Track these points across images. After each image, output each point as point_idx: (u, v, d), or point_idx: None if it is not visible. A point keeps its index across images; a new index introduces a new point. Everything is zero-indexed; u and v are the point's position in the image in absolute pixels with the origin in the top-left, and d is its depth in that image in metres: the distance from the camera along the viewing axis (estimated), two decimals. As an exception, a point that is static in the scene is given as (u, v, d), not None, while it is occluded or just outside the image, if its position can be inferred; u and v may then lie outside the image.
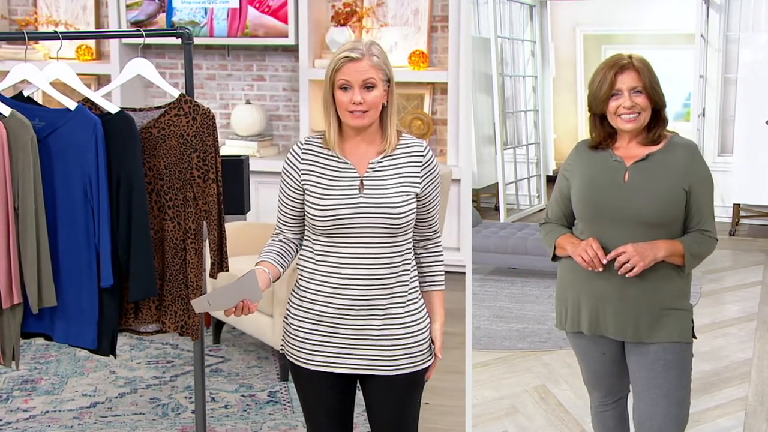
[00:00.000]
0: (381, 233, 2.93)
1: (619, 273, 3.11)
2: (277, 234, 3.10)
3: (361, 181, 2.94)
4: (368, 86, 2.89)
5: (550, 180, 9.00)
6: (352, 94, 2.88)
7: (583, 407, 4.56)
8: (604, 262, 3.13)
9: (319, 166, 2.97)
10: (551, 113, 9.65)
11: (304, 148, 3.00)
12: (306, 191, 2.96)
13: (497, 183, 8.40)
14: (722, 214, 8.07)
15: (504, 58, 8.74)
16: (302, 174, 2.97)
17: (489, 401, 4.77)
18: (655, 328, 3.18)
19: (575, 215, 3.31)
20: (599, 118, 3.20)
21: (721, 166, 8.25)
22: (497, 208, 8.46)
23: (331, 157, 2.97)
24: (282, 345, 3.13)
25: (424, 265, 3.12)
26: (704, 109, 8.67)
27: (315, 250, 2.98)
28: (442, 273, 3.14)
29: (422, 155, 3.01)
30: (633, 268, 3.08)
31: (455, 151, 7.12)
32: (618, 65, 3.12)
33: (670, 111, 3.24)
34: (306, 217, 2.98)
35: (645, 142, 3.17)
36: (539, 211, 8.87)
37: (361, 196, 2.92)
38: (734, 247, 7.78)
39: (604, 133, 3.21)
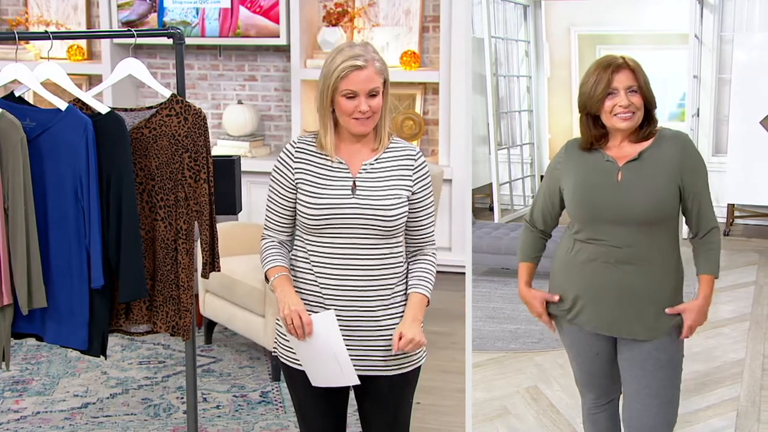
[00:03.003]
0: (372, 234, 2.93)
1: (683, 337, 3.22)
2: (270, 238, 3.06)
3: (354, 182, 2.94)
4: (373, 94, 2.89)
5: (545, 180, 8.97)
6: (358, 102, 2.88)
7: (574, 408, 4.56)
8: None
9: (314, 166, 2.97)
10: (546, 113, 9.63)
11: (297, 148, 2.99)
12: (299, 190, 2.95)
13: (491, 183, 8.39)
14: (717, 214, 8.05)
15: (498, 58, 8.73)
16: (296, 173, 2.96)
17: (481, 402, 4.76)
18: (650, 326, 3.21)
19: (570, 217, 3.31)
20: (592, 118, 3.22)
21: (715, 166, 8.24)
22: (491, 209, 8.44)
23: (324, 157, 2.97)
24: (275, 347, 3.12)
25: (411, 273, 3.07)
26: (698, 109, 8.66)
27: (307, 250, 2.98)
28: (429, 281, 3.05)
29: (414, 159, 3.02)
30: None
31: (447, 151, 7.12)
32: (614, 65, 3.14)
33: (665, 111, 3.29)
34: (298, 217, 2.97)
35: (636, 140, 3.20)
36: (533, 211, 8.84)
37: (353, 197, 2.92)
38: (728, 247, 7.77)
39: (597, 134, 3.23)
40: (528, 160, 9.30)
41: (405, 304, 3.02)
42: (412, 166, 3.01)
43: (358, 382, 2.95)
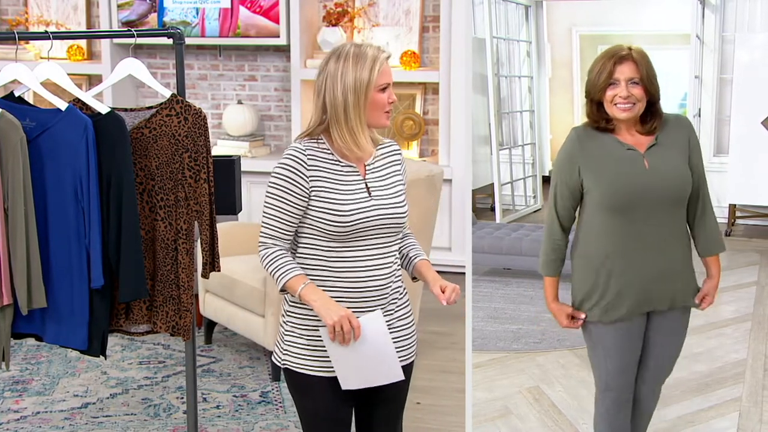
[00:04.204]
0: (387, 234, 2.94)
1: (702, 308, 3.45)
2: (277, 247, 2.91)
3: (366, 183, 2.93)
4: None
5: (546, 180, 8.99)
6: (389, 93, 2.90)
7: (576, 408, 4.56)
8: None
9: (327, 171, 2.90)
10: (547, 113, 9.64)
11: (308, 155, 2.89)
12: (318, 198, 2.87)
13: (493, 183, 8.39)
14: (718, 214, 8.04)
15: (499, 58, 8.73)
16: (311, 180, 2.87)
17: (482, 402, 4.75)
18: (679, 294, 3.38)
19: (598, 207, 3.31)
20: (596, 104, 3.29)
21: (716, 166, 8.25)
22: (493, 209, 8.45)
23: (334, 162, 2.92)
24: (285, 362, 3.00)
25: (407, 249, 3.11)
26: (700, 109, 8.66)
27: (326, 257, 2.91)
28: (423, 251, 3.15)
29: (399, 153, 3.07)
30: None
31: (447, 151, 7.12)
32: (618, 56, 3.21)
33: (667, 111, 3.34)
34: (317, 226, 2.88)
35: (642, 132, 3.29)
36: (535, 211, 8.86)
37: (372, 199, 2.91)
38: (730, 247, 7.74)
39: (600, 119, 3.30)
40: (529, 161, 9.30)
41: (404, 297, 3.05)
42: (399, 160, 3.05)
43: (403, 377, 2.95)
